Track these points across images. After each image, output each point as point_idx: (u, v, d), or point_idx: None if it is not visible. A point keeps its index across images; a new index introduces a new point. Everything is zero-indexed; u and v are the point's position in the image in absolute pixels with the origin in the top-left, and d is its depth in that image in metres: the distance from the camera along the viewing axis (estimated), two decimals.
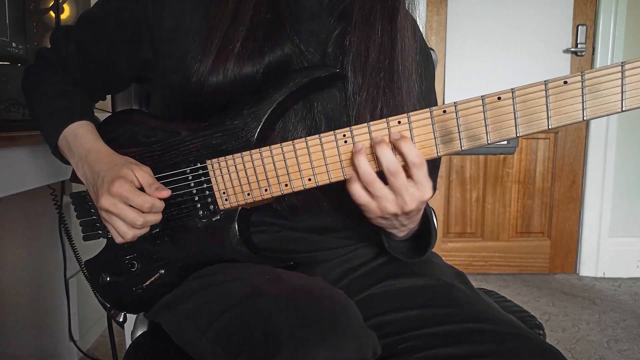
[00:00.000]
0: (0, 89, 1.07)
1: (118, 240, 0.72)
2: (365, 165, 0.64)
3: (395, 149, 0.64)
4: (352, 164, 0.65)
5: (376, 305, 0.74)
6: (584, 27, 2.68)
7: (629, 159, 2.76)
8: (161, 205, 0.71)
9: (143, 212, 0.69)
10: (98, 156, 0.74)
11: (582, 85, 0.58)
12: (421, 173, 0.64)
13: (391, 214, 0.66)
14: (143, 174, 0.71)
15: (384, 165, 0.63)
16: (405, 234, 0.74)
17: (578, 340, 2.03)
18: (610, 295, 2.54)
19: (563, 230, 2.84)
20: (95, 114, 0.85)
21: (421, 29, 0.85)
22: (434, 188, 0.75)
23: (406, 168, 0.64)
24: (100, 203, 0.69)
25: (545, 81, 0.59)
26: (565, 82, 0.59)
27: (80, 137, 0.76)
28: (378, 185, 0.64)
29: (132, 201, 0.68)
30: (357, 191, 0.66)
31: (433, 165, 0.80)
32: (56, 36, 0.84)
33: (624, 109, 0.58)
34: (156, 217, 0.71)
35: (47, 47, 0.86)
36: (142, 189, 0.71)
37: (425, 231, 0.76)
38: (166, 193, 0.70)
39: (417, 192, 0.64)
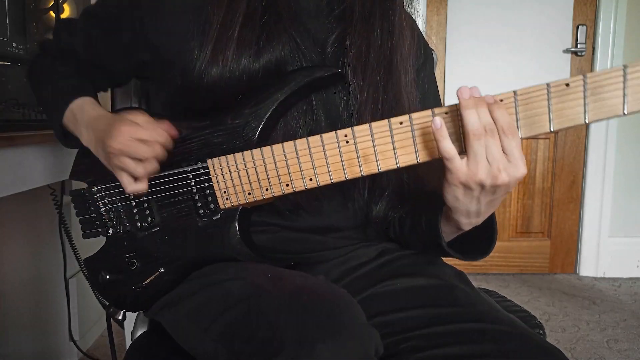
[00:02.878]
0: (0, 89, 1.07)
1: (132, 188, 0.72)
2: (476, 119, 0.58)
3: (490, 113, 0.59)
4: (460, 116, 0.60)
5: (377, 305, 0.74)
6: (584, 27, 2.68)
7: (629, 159, 2.76)
8: (167, 139, 0.72)
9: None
10: (103, 120, 0.75)
11: (584, 88, 0.58)
12: (512, 144, 0.58)
13: (478, 183, 0.61)
14: (141, 117, 0.72)
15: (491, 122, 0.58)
16: (469, 225, 0.69)
17: (578, 340, 2.03)
18: (610, 295, 2.54)
19: (563, 230, 2.84)
20: None
21: (421, 28, 0.86)
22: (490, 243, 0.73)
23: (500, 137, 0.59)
24: (111, 146, 0.70)
25: (547, 83, 0.59)
26: (568, 85, 0.58)
27: (87, 107, 0.78)
28: (482, 141, 0.59)
29: (143, 134, 0.69)
30: (454, 153, 0.60)
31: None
32: (58, 29, 0.85)
33: (625, 112, 0.57)
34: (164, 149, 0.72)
35: (49, 39, 0.87)
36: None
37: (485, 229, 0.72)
38: (168, 128, 0.72)
39: (510, 165, 0.59)
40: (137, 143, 0.69)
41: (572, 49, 2.69)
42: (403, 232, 0.82)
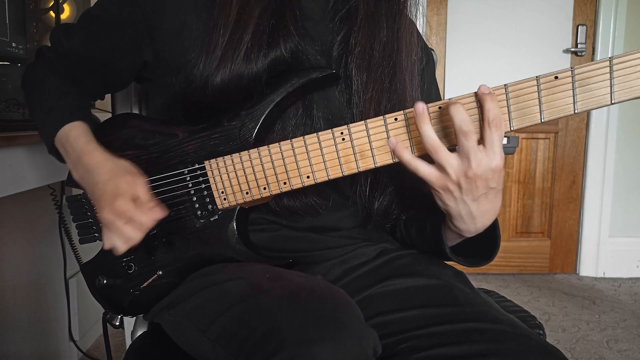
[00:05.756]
0: (0, 89, 1.07)
1: (107, 247, 0.70)
2: (430, 132, 0.61)
3: (480, 104, 0.62)
4: (417, 129, 0.63)
5: (376, 305, 0.74)
6: (584, 27, 2.68)
7: (629, 159, 2.76)
8: (159, 220, 0.70)
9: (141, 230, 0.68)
10: (92, 160, 0.73)
11: (572, 80, 0.60)
12: (495, 136, 0.60)
13: (455, 183, 0.63)
14: (141, 189, 0.69)
15: (457, 123, 0.60)
16: (469, 232, 0.69)
17: (578, 340, 2.03)
18: (610, 295, 2.54)
19: (563, 230, 2.84)
20: (95, 114, 0.85)
21: (421, 29, 0.86)
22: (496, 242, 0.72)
23: (481, 127, 0.61)
24: (102, 216, 0.68)
25: (536, 76, 0.61)
26: (556, 77, 0.61)
27: (73, 139, 0.75)
28: (443, 154, 0.62)
29: (135, 220, 0.67)
30: (418, 163, 0.64)
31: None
32: (56, 34, 0.83)
33: (613, 101, 0.60)
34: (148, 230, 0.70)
35: (46, 45, 0.85)
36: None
37: (489, 237, 0.72)
38: (162, 214, 0.69)
39: (485, 157, 0.61)
40: (127, 225, 0.67)
41: (572, 49, 2.69)
42: (410, 235, 0.82)
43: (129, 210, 0.67)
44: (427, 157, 0.65)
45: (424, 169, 0.64)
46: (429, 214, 0.75)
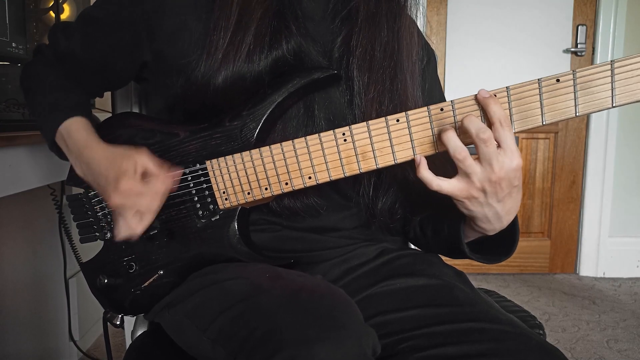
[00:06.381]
0: (0, 89, 1.07)
1: (122, 236, 0.70)
2: (456, 140, 0.61)
3: (483, 108, 0.62)
4: (440, 141, 0.62)
5: (376, 305, 0.74)
6: (584, 27, 2.68)
7: (629, 159, 2.76)
8: (173, 185, 0.70)
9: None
10: (92, 153, 0.73)
11: (574, 83, 0.61)
12: (508, 135, 0.61)
13: (479, 189, 0.63)
14: (145, 161, 0.69)
15: (474, 132, 0.60)
16: (494, 231, 0.69)
17: (578, 340, 2.03)
18: (610, 295, 2.54)
19: (563, 230, 2.84)
20: (95, 114, 0.85)
21: (421, 28, 0.86)
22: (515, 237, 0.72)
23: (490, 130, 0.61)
24: (112, 202, 0.69)
25: (538, 79, 0.61)
26: (558, 80, 0.61)
27: (74, 133, 0.76)
28: (469, 161, 0.61)
29: (144, 194, 0.68)
30: (440, 182, 0.63)
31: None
32: (55, 32, 0.83)
33: (614, 104, 0.60)
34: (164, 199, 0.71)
35: (45, 44, 0.85)
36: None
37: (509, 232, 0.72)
38: (173, 179, 0.70)
39: (506, 159, 0.61)
40: (139, 201, 0.68)
41: (572, 49, 2.69)
42: (425, 235, 0.82)
43: (136, 186, 0.68)
44: (433, 166, 0.65)
45: (447, 186, 0.64)
46: (446, 215, 0.75)
